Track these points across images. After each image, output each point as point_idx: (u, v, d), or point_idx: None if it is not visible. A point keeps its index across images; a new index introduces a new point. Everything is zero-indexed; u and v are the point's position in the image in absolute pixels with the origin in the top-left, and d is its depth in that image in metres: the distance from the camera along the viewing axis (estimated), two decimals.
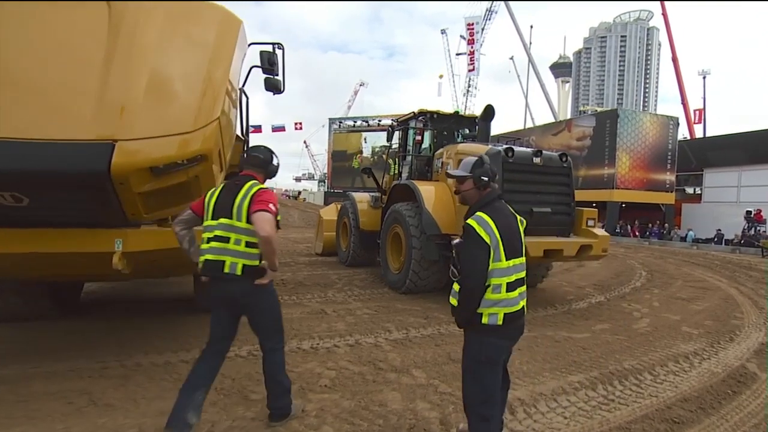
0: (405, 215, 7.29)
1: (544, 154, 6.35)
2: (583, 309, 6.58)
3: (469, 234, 2.17)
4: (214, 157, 3.05)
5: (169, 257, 3.55)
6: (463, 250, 2.20)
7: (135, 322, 5.05)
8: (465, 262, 2.18)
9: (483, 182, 2.32)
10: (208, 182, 3.17)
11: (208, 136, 2.89)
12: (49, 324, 4.84)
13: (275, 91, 4.92)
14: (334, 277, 8.59)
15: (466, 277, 2.17)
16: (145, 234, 3.12)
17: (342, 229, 10.83)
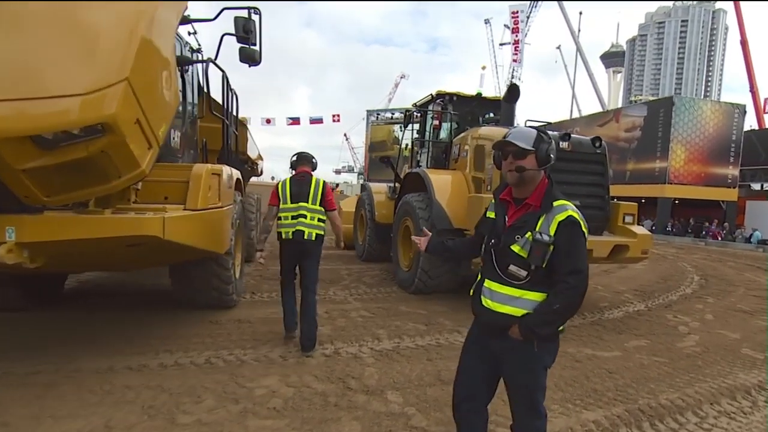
0: (415, 207, 6.57)
1: (573, 138, 5.43)
2: (617, 319, 5.63)
3: (579, 229, 1.84)
4: (128, 130, 2.48)
5: (99, 250, 3.05)
6: (572, 246, 1.83)
7: (106, 318, 4.65)
8: (581, 259, 1.82)
9: (552, 161, 1.92)
10: (125, 161, 2.61)
11: (112, 100, 2.31)
12: (13, 317, 4.52)
13: (251, 62, 4.33)
14: (344, 273, 8.02)
15: (584, 278, 1.83)
16: (49, 222, 2.60)
17: (359, 221, 10.28)
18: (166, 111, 2.95)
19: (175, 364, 3.56)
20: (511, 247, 1.89)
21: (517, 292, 1.88)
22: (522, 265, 1.85)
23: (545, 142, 1.90)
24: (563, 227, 1.81)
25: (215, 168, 4.09)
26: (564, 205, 1.85)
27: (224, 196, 4.39)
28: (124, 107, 2.39)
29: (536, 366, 1.92)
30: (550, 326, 1.85)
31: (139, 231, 2.79)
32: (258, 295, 6.01)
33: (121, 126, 2.39)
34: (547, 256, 1.81)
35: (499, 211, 2.04)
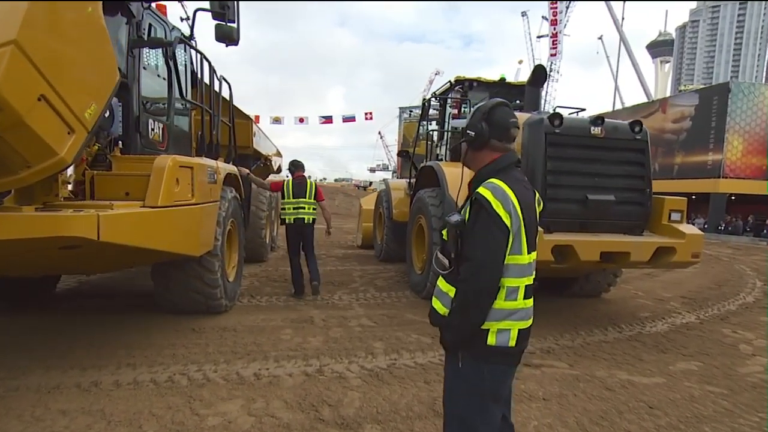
0: (428, 203, 5.96)
1: (606, 122, 4.65)
2: (660, 334, 4.80)
3: (482, 208, 1.53)
4: (26, 107, 2.02)
5: (25, 253, 2.64)
6: (470, 230, 1.56)
7: (83, 321, 4.32)
8: (474, 247, 1.54)
9: (468, 138, 1.70)
10: (33, 147, 2.17)
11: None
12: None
13: (228, 41, 3.87)
14: (357, 275, 7.50)
15: (476, 270, 1.52)
16: None
17: (378, 219, 9.76)
18: (95, 89, 2.50)
19: (132, 383, 3.13)
20: (443, 232, 1.73)
21: (445, 286, 1.64)
22: (445, 252, 1.65)
23: (474, 117, 1.70)
24: (471, 206, 1.57)
25: (185, 160, 3.64)
26: (485, 183, 1.58)
27: (201, 191, 3.95)
28: (14, 78, 1.93)
29: (455, 387, 1.66)
30: (447, 331, 1.61)
31: (61, 231, 2.35)
32: (256, 299, 5.58)
33: (12, 102, 1.94)
34: (460, 242, 1.59)
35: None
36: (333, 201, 26.96)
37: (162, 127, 4.34)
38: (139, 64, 3.94)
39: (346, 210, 25.52)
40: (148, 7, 4.01)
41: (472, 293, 1.52)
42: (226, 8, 3.72)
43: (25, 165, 2.22)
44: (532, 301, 1.66)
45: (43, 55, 2.06)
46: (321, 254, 9.89)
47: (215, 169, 4.48)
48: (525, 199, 1.59)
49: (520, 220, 1.55)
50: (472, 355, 1.59)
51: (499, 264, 1.53)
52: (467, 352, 1.60)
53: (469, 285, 1.52)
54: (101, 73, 2.53)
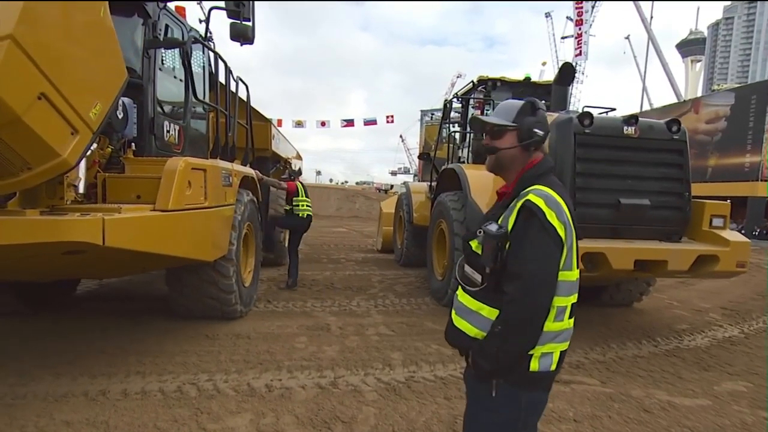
0: (449, 207, 5.76)
1: (641, 122, 4.36)
2: (702, 349, 4.46)
3: (534, 218, 1.35)
4: (24, 106, 1.92)
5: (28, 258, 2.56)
6: (519, 243, 1.36)
7: (98, 326, 4.27)
8: (525, 262, 1.34)
9: (536, 139, 1.49)
10: (33, 148, 2.07)
11: None
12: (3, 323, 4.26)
13: (243, 40, 3.77)
14: (375, 280, 7.34)
15: (529, 289, 1.32)
16: None
17: (399, 223, 9.60)
18: (100, 88, 2.40)
19: (140, 392, 3.03)
20: (471, 243, 1.50)
21: (474, 304, 1.44)
22: (476, 266, 1.44)
23: (530, 115, 1.49)
24: (518, 215, 1.38)
25: (198, 163, 3.55)
26: (532, 190, 1.39)
27: (215, 194, 3.85)
28: (10, 75, 1.84)
29: (485, 418, 1.46)
30: (487, 358, 1.37)
31: (64, 236, 2.26)
32: (273, 304, 5.47)
33: (8, 100, 1.85)
34: (500, 256, 1.38)
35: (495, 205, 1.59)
36: (354, 204, 26.91)
37: (178, 129, 4.27)
38: (154, 65, 3.88)
39: (367, 213, 25.39)
40: (164, 8, 3.95)
41: (524, 316, 1.33)
42: (241, 6, 3.62)
43: (26, 166, 2.13)
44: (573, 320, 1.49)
45: (43, 51, 1.97)
46: (340, 258, 9.80)
47: (230, 172, 4.39)
48: (571, 209, 1.44)
49: (573, 232, 1.40)
50: (511, 383, 1.40)
51: (554, 282, 1.35)
52: (504, 379, 1.40)
53: (520, 307, 1.32)
54: (107, 72, 2.44)
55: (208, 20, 4.08)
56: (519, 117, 1.48)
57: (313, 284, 6.77)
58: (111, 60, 2.46)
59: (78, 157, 2.31)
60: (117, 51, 2.51)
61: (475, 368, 1.42)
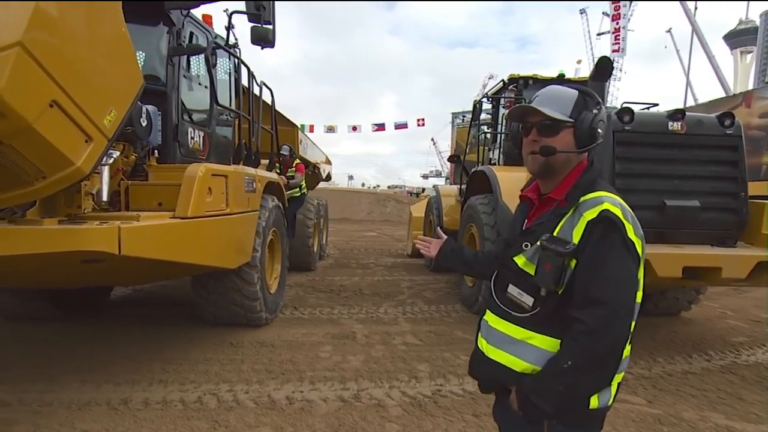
0: (479, 211, 5.54)
1: (688, 116, 4.02)
2: (764, 366, 4.05)
3: (615, 232, 1.13)
4: (35, 113, 1.90)
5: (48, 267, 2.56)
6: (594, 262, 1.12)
7: (126, 332, 4.31)
8: (605, 285, 1.10)
9: (596, 139, 1.23)
10: (46, 156, 2.04)
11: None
12: (35, 327, 4.36)
13: (264, 43, 3.70)
14: (404, 286, 7.17)
15: (612, 317, 1.09)
16: None
17: (429, 227, 9.42)
18: (115, 94, 2.37)
19: (161, 402, 2.99)
20: (515, 258, 1.26)
21: (520, 332, 1.22)
22: (527, 288, 1.21)
23: (590, 110, 1.23)
24: (592, 228, 1.13)
25: (219, 169, 3.51)
26: (599, 197, 1.17)
27: (238, 200, 3.80)
28: (19, 83, 1.81)
29: None
30: (548, 399, 1.13)
31: (79, 246, 2.23)
32: (299, 311, 5.40)
33: (18, 108, 1.82)
34: (564, 276, 1.14)
35: (520, 213, 1.42)
36: (384, 208, 26.79)
37: (203, 135, 4.27)
38: (178, 72, 3.88)
39: (398, 217, 25.22)
40: (187, 15, 3.95)
41: (606, 350, 1.11)
42: (261, 9, 3.56)
43: (40, 175, 2.11)
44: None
45: (53, 58, 1.94)
46: (370, 263, 9.69)
47: (254, 177, 4.35)
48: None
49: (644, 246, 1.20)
50: (566, 423, 1.18)
51: (635, 307, 1.16)
52: (559, 419, 1.18)
53: (602, 339, 1.09)
54: (122, 78, 2.41)
55: (230, 25, 4.06)
56: (576, 110, 1.24)
57: (341, 290, 6.68)
58: (126, 66, 2.43)
59: (92, 165, 2.29)
60: (132, 56, 2.48)
61: (529, 409, 1.17)
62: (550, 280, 1.14)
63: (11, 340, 4.16)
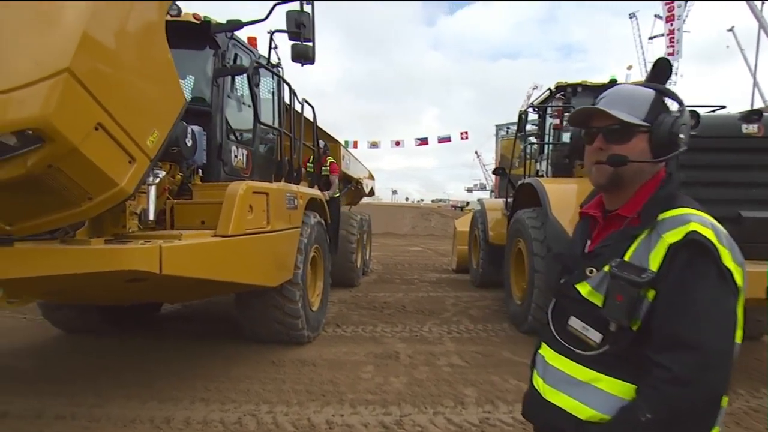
0: (527, 225, 5.27)
1: (765, 117, 3.63)
2: None
3: (709, 259, 0.92)
4: (80, 137, 1.94)
5: (93, 285, 2.61)
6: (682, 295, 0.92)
7: (174, 347, 4.39)
8: (698, 326, 0.90)
9: (676, 146, 1.02)
10: (91, 178, 2.09)
11: (42, 98, 1.78)
12: (87, 341, 4.53)
13: (304, 60, 3.72)
14: (449, 303, 6.96)
15: (707, 365, 0.89)
16: (16, 256, 2.19)
17: (474, 242, 9.15)
18: (157, 115, 2.41)
19: (202, 422, 2.97)
20: (577, 286, 1.06)
21: (584, 373, 1.02)
22: (593, 321, 1.01)
23: (669, 112, 1.04)
24: (675, 254, 0.93)
25: (260, 186, 3.52)
26: (684, 216, 0.97)
27: (279, 218, 3.80)
28: (67, 108, 1.85)
29: None
30: None
31: (122, 265, 2.26)
32: (341, 329, 5.32)
33: (65, 132, 1.86)
34: (640, 310, 0.94)
35: (580, 232, 1.21)
36: (429, 222, 26.59)
37: (246, 153, 4.34)
38: (222, 93, 3.97)
39: (442, 231, 24.89)
40: (231, 37, 4.06)
41: (698, 405, 0.91)
42: (301, 27, 3.59)
43: (87, 197, 2.16)
44: None
45: (99, 82, 1.99)
46: (414, 279, 9.52)
47: (296, 194, 4.35)
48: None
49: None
50: None
51: (734, 350, 0.94)
52: None
53: (691, 391, 0.89)
54: (165, 99, 2.46)
55: (272, 44, 4.13)
56: (653, 113, 1.04)
57: (384, 307, 6.55)
58: (168, 87, 2.48)
59: (135, 185, 2.32)
60: (174, 77, 2.53)
61: None
62: (623, 314, 0.95)
63: (70, 352, 4.36)
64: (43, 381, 3.56)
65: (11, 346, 4.51)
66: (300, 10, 3.63)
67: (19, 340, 4.72)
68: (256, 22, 3.84)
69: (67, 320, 4.59)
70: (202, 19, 3.79)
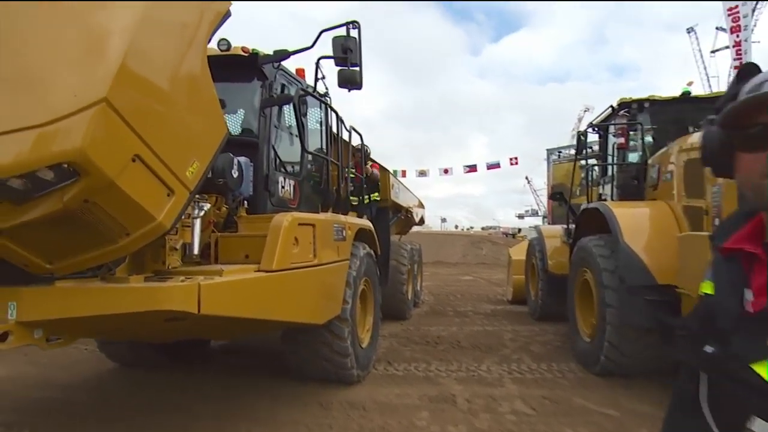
0: (595, 254, 4.79)
1: None
2: None
3: None
4: (117, 170, 1.85)
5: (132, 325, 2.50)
6: None
7: (220, 384, 4.25)
8: None
9: None
10: (128, 212, 1.99)
11: (78, 130, 1.71)
12: (135, 375, 4.50)
13: (351, 85, 3.61)
14: (507, 338, 6.46)
15: None
16: (55, 295, 2.11)
17: (531, 271, 8.61)
18: (197, 145, 2.31)
19: None
20: (756, 367, 0.67)
21: None
22: None
23: None
24: None
25: (306, 217, 3.37)
26: None
27: (326, 250, 3.62)
28: (104, 140, 1.77)
29: None
30: None
31: (157, 305, 2.13)
32: (393, 366, 5.00)
33: (101, 165, 1.77)
34: None
35: (727, 276, 0.81)
36: (480, 250, 25.81)
37: (293, 183, 4.25)
38: (269, 123, 3.93)
39: (494, 259, 24.00)
40: (278, 67, 4.04)
41: None
42: (348, 52, 3.49)
43: (124, 232, 2.06)
44: None
45: (137, 112, 1.91)
46: (467, 311, 9.04)
47: (344, 225, 4.18)
48: None
49: None
50: None
51: None
52: None
53: None
54: (205, 129, 2.37)
55: (318, 70, 4.07)
56: None
57: (438, 342, 6.17)
58: (209, 116, 2.39)
59: (174, 219, 2.21)
60: (215, 106, 2.44)
61: None
62: None
63: (120, 386, 4.34)
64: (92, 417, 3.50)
65: (70, 380, 4.56)
66: (346, 35, 3.55)
67: (78, 373, 4.78)
68: (303, 50, 3.80)
69: (120, 354, 4.60)
70: (250, 52, 3.79)
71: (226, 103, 4.00)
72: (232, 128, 4.33)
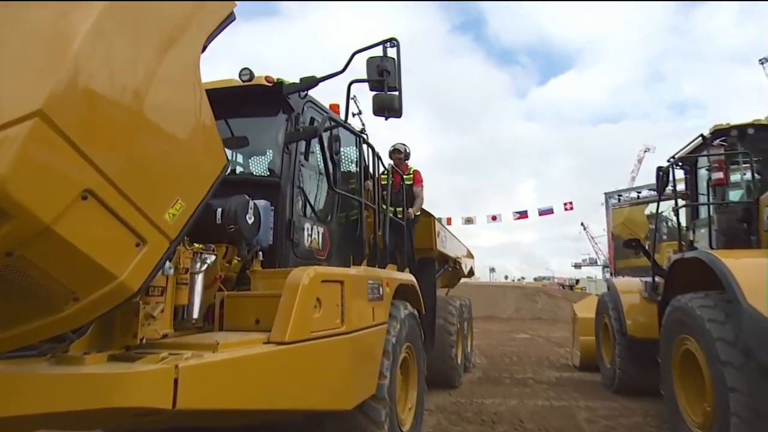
0: (703, 318, 3.76)
1: None
2: None
3: None
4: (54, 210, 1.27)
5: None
6: None
7: None
8: None
9: None
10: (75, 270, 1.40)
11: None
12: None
13: (389, 113, 3.04)
14: (582, 417, 5.33)
15: None
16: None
17: (603, 332, 7.45)
18: (184, 178, 1.72)
19: None
20: None
21: None
22: None
23: None
24: None
25: (331, 273, 2.70)
26: None
27: (358, 313, 2.91)
28: (34, 166, 1.21)
29: None
30: None
31: (111, 401, 1.48)
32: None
33: (30, 203, 1.20)
34: None
35: None
36: (534, 303, 24.00)
37: (322, 231, 3.64)
38: (295, 161, 3.40)
39: (551, 314, 22.13)
40: (305, 97, 3.56)
41: None
42: (385, 74, 2.94)
43: (71, 297, 1.47)
44: None
45: (90, 131, 1.35)
46: (527, 378, 7.84)
47: (381, 281, 3.47)
48: None
49: None
50: None
51: None
52: None
53: None
54: (194, 158, 1.78)
55: (348, 99, 3.56)
56: None
57: (495, 420, 5.13)
58: (200, 141, 1.82)
59: (144, 279, 1.60)
60: (210, 130, 1.87)
61: None
62: None
63: None
64: None
65: None
66: (383, 55, 3.02)
67: None
68: (333, 75, 3.31)
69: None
70: (274, 81, 3.35)
71: (248, 139, 3.63)
72: (253, 167, 3.87)
